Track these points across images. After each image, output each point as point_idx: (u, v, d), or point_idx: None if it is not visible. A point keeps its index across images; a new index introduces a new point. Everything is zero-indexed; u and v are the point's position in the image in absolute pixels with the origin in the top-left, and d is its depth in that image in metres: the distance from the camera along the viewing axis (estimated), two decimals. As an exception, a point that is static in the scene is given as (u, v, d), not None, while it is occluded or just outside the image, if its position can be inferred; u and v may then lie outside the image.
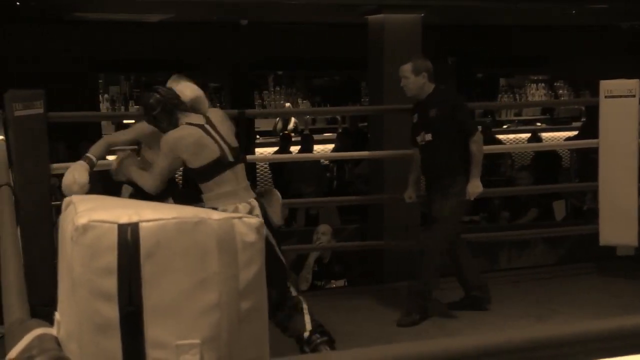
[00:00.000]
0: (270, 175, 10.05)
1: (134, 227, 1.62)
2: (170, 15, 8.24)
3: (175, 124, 3.63)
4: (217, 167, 3.61)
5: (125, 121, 9.15)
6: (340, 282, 6.17)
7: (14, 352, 1.50)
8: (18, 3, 6.50)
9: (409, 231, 5.71)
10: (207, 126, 3.64)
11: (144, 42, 9.00)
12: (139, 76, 11.59)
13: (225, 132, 3.69)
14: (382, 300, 5.01)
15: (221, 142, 3.65)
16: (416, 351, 1.30)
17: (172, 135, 3.60)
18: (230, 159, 3.64)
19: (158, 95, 3.62)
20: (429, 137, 4.65)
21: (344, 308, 4.95)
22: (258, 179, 9.97)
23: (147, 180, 3.71)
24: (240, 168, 3.70)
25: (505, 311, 4.21)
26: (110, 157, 4.23)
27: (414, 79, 4.68)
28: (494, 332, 1.38)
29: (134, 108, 11.25)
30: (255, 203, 3.67)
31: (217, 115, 3.75)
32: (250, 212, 3.57)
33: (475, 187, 4.59)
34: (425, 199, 4.85)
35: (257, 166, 9.91)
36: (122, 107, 11.20)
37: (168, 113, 3.62)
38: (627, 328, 1.35)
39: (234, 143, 3.71)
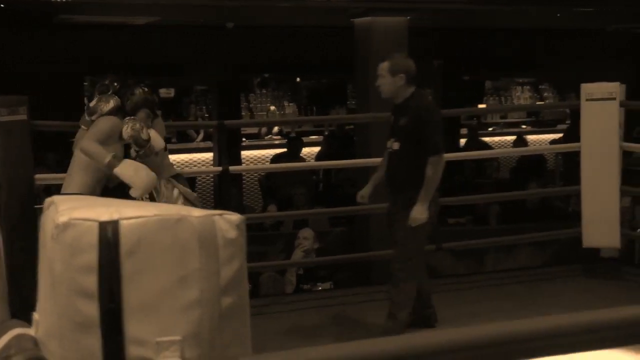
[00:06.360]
0: (256, 180, 10.03)
1: (115, 224, 1.62)
2: (156, 18, 8.23)
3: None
4: None
5: None
6: (327, 285, 6.17)
7: (-8, 351, 1.50)
8: None
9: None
10: None
11: (129, 45, 8.98)
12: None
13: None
14: (371, 303, 5.00)
15: None
16: (397, 345, 1.30)
17: None
18: None
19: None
20: (396, 145, 4.23)
21: (331, 310, 4.95)
22: (244, 183, 9.95)
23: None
24: None
25: (491, 314, 4.22)
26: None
27: (390, 79, 4.21)
28: (464, 328, 1.39)
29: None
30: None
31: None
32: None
33: (417, 213, 4.07)
34: (387, 211, 4.40)
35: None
36: None
37: None
38: (601, 321, 1.37)
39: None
